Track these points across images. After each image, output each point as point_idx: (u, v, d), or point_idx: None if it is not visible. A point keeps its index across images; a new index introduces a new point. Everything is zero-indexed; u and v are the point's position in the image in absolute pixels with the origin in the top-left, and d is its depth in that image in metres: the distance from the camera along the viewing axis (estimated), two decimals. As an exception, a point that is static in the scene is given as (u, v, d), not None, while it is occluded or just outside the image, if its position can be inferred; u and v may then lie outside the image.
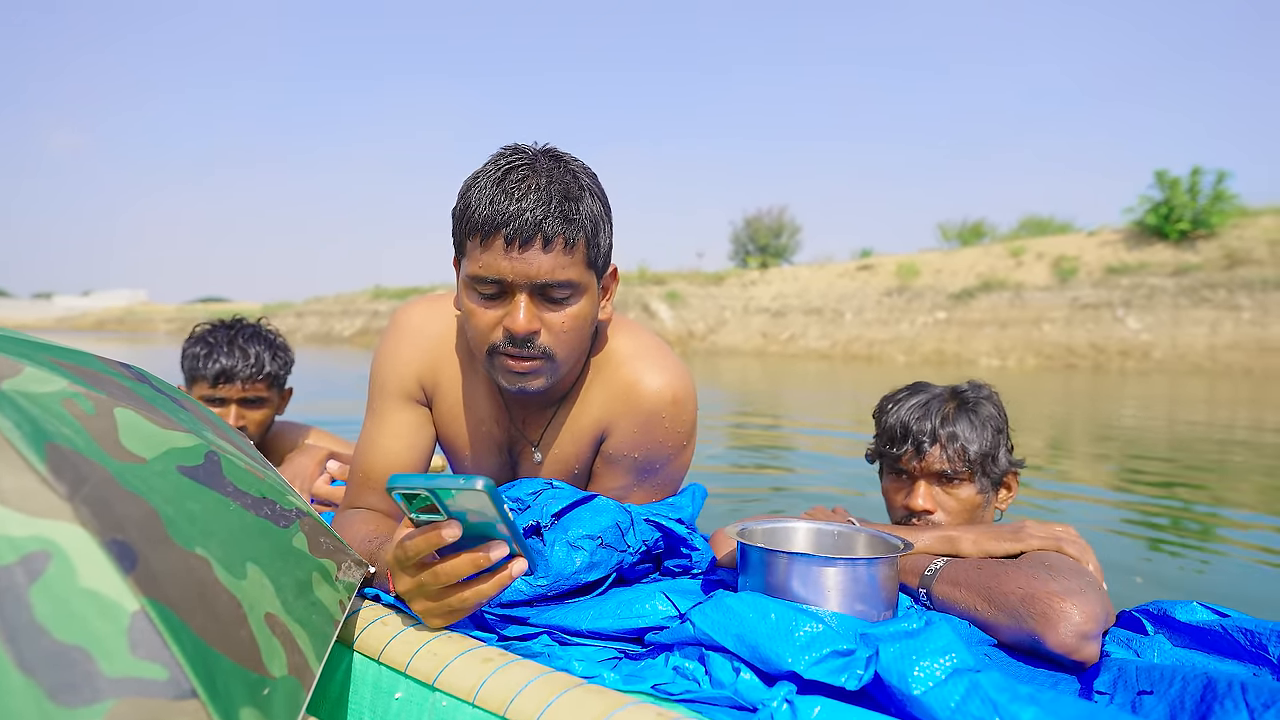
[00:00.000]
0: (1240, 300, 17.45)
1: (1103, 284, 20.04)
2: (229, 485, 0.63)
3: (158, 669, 0.48)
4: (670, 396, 0.93)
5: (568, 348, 0.89)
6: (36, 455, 0.50)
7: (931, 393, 1.11)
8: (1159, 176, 20.53)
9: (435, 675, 0.65)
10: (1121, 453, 5.08)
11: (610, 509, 0.85)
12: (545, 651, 0.75)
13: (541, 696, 0.58)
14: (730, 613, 0.69)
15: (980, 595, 0.80)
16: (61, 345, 0.66)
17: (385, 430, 1.00)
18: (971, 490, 1.05)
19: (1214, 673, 0.63)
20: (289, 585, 0.63)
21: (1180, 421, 7.00)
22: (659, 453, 0.95)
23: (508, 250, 0.82)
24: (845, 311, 23.86)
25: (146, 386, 0.68)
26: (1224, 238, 19.33)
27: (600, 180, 0.90)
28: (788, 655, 0.62)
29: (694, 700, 0.64)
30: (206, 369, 1.48)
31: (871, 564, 0.76)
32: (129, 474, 0.55)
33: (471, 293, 0.87)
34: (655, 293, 27.68)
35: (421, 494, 0.62)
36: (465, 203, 0.85)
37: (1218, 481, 4.16)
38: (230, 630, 0.54)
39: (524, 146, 0.87)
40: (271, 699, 0.55)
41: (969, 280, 22.54)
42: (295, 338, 30.45)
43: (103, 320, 54.09)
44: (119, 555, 0.50)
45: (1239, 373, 15.08)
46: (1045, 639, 0.74)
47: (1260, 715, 0.56)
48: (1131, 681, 0.66)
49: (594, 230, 0.86)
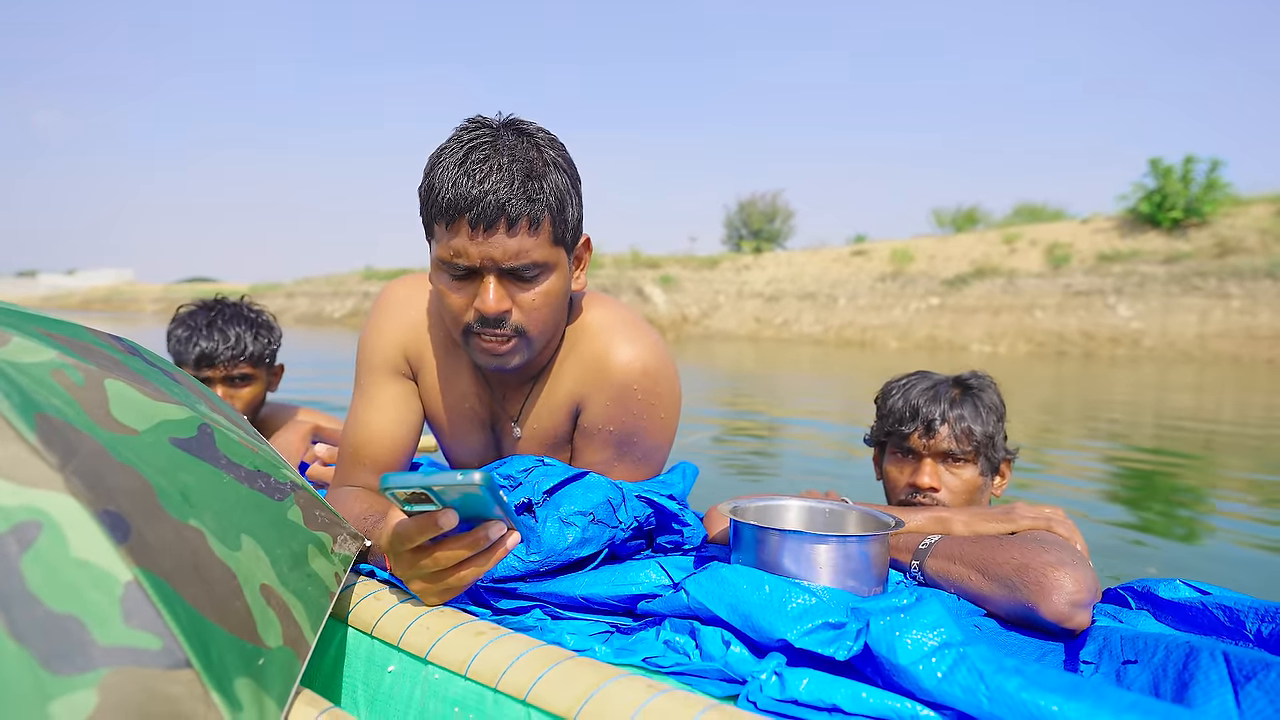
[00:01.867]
0: (1230, 289, 17.56)
1: (1095, 271, 20.11)
2: (222, 458, 0.63)
3: (151, 638, 0.49)
4: (640, 368, 0.93)
5: (541, 324, 0.88)
6: (26, 425, 0.50)
7: (937, 379, 1.17)
8: (1153, 164, 20.55)
9: (428, 649, 0.66)
10: (1110, 437, 5.14)
11: (602, 485, 0.85)
12: (537, 625, 0.76)
13: (533, 669, 0.59)
14: (725, 583, 0.70)
15: (974, 568, 0.81)
16: (51, 316, 0.65)
17: (374, 406, 1.00)
18: (974, 471, 1.11)
19: (1197, 641, 0.64)
20: (284, 557, 0.63)
21: (1168, 407, 7.08)
22: (635, 425, 0.95)
23: (473, 234, 0.81)
24: (839, 297, 23.88)
25: (138, 359, 0.68)
26: (1215, 226, 19.41)
27: (567, 150, 0.88)
28: (780, 625, 0.63)
29: (684, 673, 0.65)
30: (188, 353, 1.48)
31: (863, 541, 0.77)
32: (121, 445, 0.55)
33: (442, 274, 0.87)
34: (648, 276, 27.59)
35: (418, 491, 0.62)
36: (429, 184, 0.83)
37: (1204, 466, 4.22)
38: (225, 601, 0.54)
39: (487, 120, 0.85)
40: (266, 670, 0.55)
41: (963, 266, 22.58)
42: (285, 318, 30.18)
43: (89, 299, 53.52)
44: (111, 526, 0.50)
45: (1227, 360, 15.23)
46: (1039, 608, 0.75)
47: (1243, 686, 0.57)
48: (1116, 651, 0.68)
49: (560, 205, 0.84)
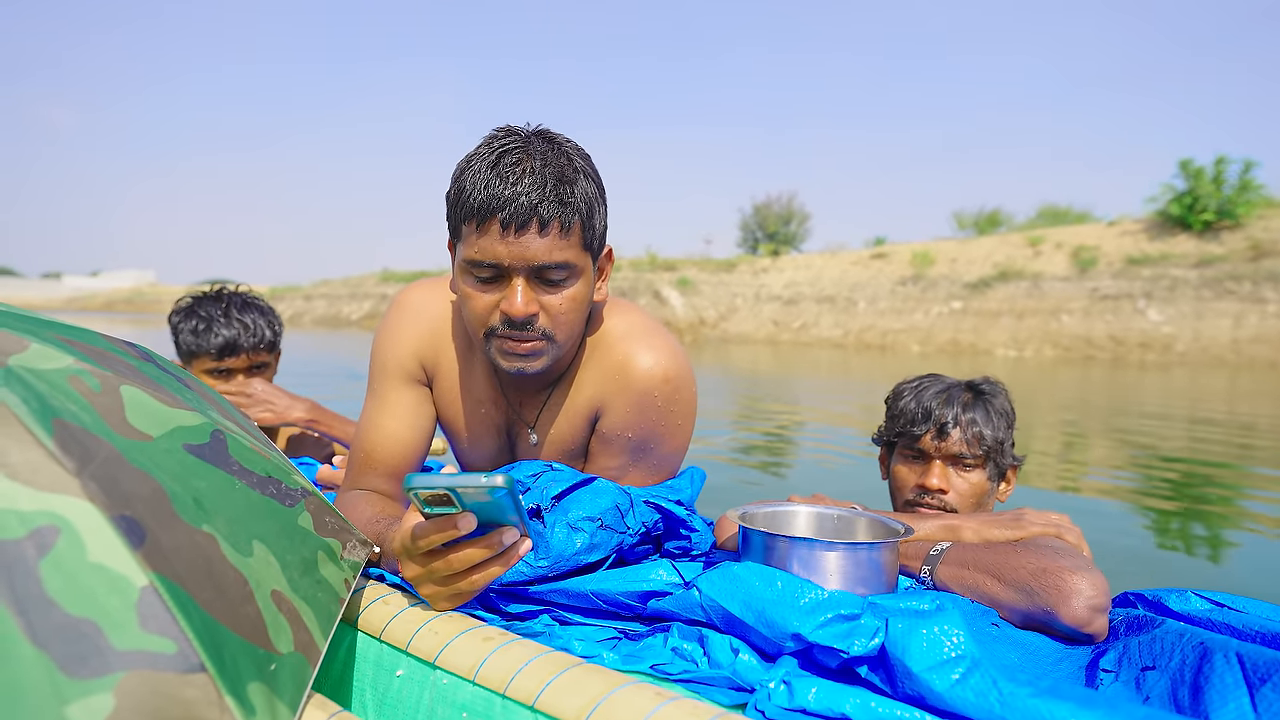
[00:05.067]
0: (1266, 293, 17.08)
1: (1123, 275, 19.69)
2: (235, 464, 0.64)
3: (166, 643, 0.49)
4: (661, 375, 0.93)
5: (566, 329, 0.89)
6: (44, 430, 0.51)
7: (950, 382, 1.18)
8: (1183, 166, 20.09)
9: (436, 654, 0.66)
10: (1136, 445, 5.02)
11: (610, 491, 0.85)
12: (545, 631, 0.76)
13: (541, 675, 0.59)
14: (737, 579, 0.69)
15: (989, 573, 0.80)
16: (67, 323, 0.66)
17: (386, 410, 1.01)
18: (982, 475, 1.12)
19: (1210, 642, 0.62)
20: (295, 563, 0.64)
21: (1201, 414, 6.89)
22: (653, 432, 0.95)
23: (504, 235, 0.82)
24: (858, 300, 23.66)
25: (152, 365, 0.69)
26: (1249, 228, 18.91)
27: (593, 161, 0.90)
28: (794, 620, 0.63)
29: (692, 680, 0.65)
30: (209, 343, 1.47)
31: (873, 548, 0.76)
32: (136, 451, 0.56)
33: (468, 276, 0.87)
34: (666, 279, 27.58)
35: (440, 493, 0.62)
36: (459, 187, 0.85)
37: (1234, 476, 4.10)
38: (237, 606, 0.55)
39: (517, 128, 0.87)
40: (278, 674, 0.56)
41: (985, 270, 22.25)
42: (304, 321, 30.60)
43: (111, 301, 54.91)
44: (127, 531, 0.51)
45: (1263, 366, 14.80)
46: (1059, 612, 0.74)
47: (1258, 689, 0.55)
48: (1135, 658, 0.67)
49: (589, 212, 0.86)
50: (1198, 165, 19.77)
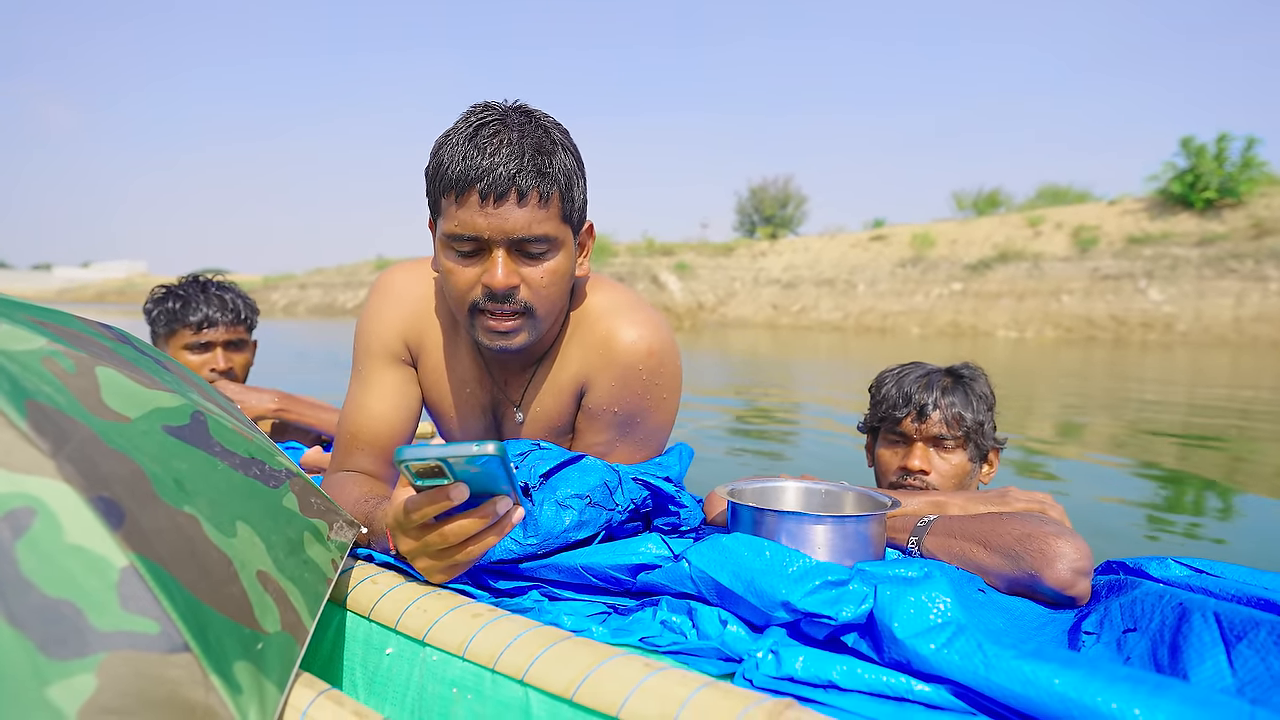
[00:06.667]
0: (1268, 271, 17.01)
1: (1124, 254, 19.63)
2: (216, 445, 0.64)
3: (149, 623, 0.49)
4: (646, 349, 0.93)
5: (548, 303, 0.89)
6: (17, 412, 0.51)
7: (930, 368, 1.22)
8: (1185, 143, 19.94)
9: (425, 631, 0.66)
10: (1136, 425, 5.02)
11: (598, 468, 0.85)
12: (535, 607, 0.76)
13: (530, 649, 0.59)
14: (726, 551, 0.70)
15: (975, 541, 0.82)
16: (40, 305, 0.66)
17: (372, 392, 1.01)
18: (963, 456, 1.16)
19: (1189, 601, 0.63)
20: (280, 544, 0.64)
21: (1200, 395, 6.89)
22: (639, 406, 0.95)
23: (483, 205, 0.81)
24: (858, 283, 23.61)
25: (128, 347, 0.68)
26: (1251, 206, 18.81)
27: (572, 136, 0.89)
28: (782, 588, 0.63)
29: (681, 652, 0.65)
30: (189, 317, 1.52)
31: (860, 521, 0.76)
32: (113, 432, 0.56)
33: (449, 251, 0.87)
34: (664, 264, 27.50)
35: (432, 464, 0.62)
36: (438, 161, 0.84)
37: (1235, 452, 4.11)
38: (221, 587, 0.55)
39: (495, 103, 0.87)
40: (265, 653, 0.56)
41: (985, 251, 22.18)
42: (298, 310, 30.51)
43: (103, 292, 54.78)
44: (105, 512, 0.51)
45: (1266, 345, 14.79)
46: (1043, 575, 0.75)
47: (1234, 646, 0.56)
48: (1116, 621, 0.67)
49: (568, 184, 0.85)
50: (1199, 143, 19.61)
